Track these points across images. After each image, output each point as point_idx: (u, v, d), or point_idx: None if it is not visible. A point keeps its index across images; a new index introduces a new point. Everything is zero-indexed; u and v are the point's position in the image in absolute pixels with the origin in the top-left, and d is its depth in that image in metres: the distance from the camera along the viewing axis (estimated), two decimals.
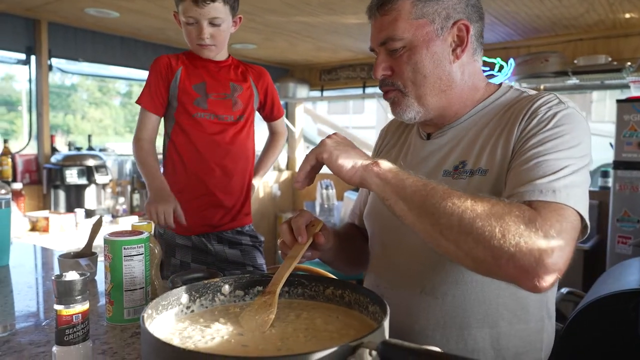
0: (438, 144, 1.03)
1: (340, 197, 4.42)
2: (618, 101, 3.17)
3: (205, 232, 1.56)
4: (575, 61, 3.50)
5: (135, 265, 0.98)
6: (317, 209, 4.18)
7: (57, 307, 0.75)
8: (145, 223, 1.13)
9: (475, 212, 0.75)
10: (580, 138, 0.87)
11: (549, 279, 0.73)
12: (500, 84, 1.06)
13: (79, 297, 0.75)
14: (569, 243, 0.75)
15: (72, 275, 0.75)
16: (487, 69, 3.73)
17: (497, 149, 0.93)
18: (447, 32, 0.97)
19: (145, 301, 1.00)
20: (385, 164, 0.83)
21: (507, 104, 1.00)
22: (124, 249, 0.97)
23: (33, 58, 3.33)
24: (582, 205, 0.81)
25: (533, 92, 1.02)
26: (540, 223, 0.74)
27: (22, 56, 3.32)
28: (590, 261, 3.28)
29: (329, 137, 0.88)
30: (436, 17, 0.96)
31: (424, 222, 0.79)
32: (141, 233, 1.02)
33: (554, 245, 0.73)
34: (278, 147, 1.78)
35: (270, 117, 1.71)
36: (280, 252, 0.96)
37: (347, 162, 0.83)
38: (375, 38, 1.02)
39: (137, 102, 1.54)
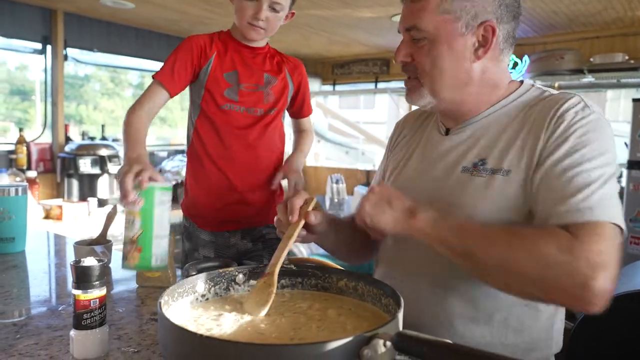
0: (457, 140, 1.03)
1: (350, 192, 4.42)
2: (634, 100, 3.14)
3: (231, 228, 1.50)
4: (592, 59, 3.46)
5: (165, 212, 0.99)
6: (327, 203, 4.18)
7: (75, 292, 0.76)
8: None
9: (516, 251, 0.80)
10: (608, 145, 0.88)
11: (599, 301, 0.75)
12: (522, 82, 1.05)
13: (97, 282, 0.77)
14: (612, 261, 0.77)
15: (90, 261, 0.76)
16: None
17: (522, 152, 0.92)
18: (472, 31, 0.95)
19: (169, 252, 1.03)
20: (422, 217, 0.85)
21: (529, 102, 0.99)
22: (158, 194, 0.98)
23: (49, 48, 3.36)
24: (618, 214, 0.82)
25: (554, 91, 1.00)
26: (580, 249, 0.76)
27: (38, 46, 3.35)
28: None
29: (367, 197, 0.90)
30: (463, 14, 0.94)
31: (469, 267, 0.85)
32: (169, 182, 1.03)
33: (598, 268, 0.75)
34: (308, 144, 1.66)
35: (298, 113, 1.60)
36: (277, 230, 0.99)
37: (388, 221, 0.87)
38: (402, 21, 1.00)
39: (154, 76, 1.40)
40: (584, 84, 3.63)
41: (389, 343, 0.58)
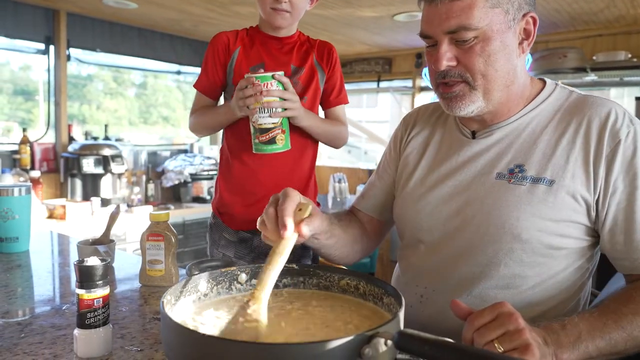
0: (485, 143, 0.99)
1: (352, 191, 4.42)
2: (637, 99, 3.12)
3: (255, 227, 1.46)
4: (594, 57, 3.44)
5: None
6: (330, 202, 4.18)
7: (78, 291, 0.77)
8: (163, 212, 1.15)
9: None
10: None
11: None
12: (543, 80, 1.03)
13: (100, 282, 0.77)
14: None
15: (93, 261, 0.77)
16: None
17: (566, 162, 0.91)
18: (517, 23, 0.93)
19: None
20: (565, 354, 0.78)
21: (561, 105, 0.97)
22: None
23: (52, 48, 3.37)
24: None
25: (580, 91, 1.00)
26: None
27: (41, 46, 3.36)
28: (605, 260, 3.24)
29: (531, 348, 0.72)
30: (510, 7, 0.91)
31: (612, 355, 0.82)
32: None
33: None
34: (339, 132, 1.48)
35: (332, 101, 1.47)
36: (262, 236, 0.86)
37: None
38: (439, 25, 0.91)
39: (194, 85, 1.46)
40: (587, 83, 3.62)
41: (390, 342, 0.58)
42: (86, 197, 3.24)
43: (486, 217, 0.93)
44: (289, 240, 0.78)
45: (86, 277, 0.76)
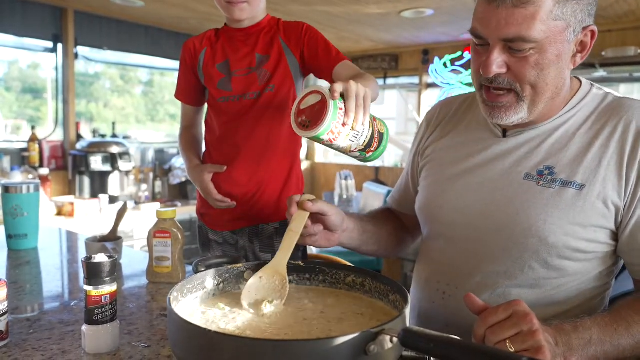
0: (515, 142, 0.97)
1: (359, 188, 4.42)
2: None
3: (239, 227, 1.42)
4: (603, 53, 3.41)
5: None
6: (336, 199, 4.18)
7: (86, 287, 0.77)
8: (170, 209, 1.15)
9: None
10: None
11: None
12: (578, 79, 1.00)
13: (108, 278, 0.78)
14: None
15: (101, 258, 0.78)
16: None
17: (598, 166, 0.89)
18: (576, 36, 0.88)
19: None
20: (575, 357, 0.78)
21: (595, 107, 0.95)
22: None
23: (60, 46, 3.39)
24: None
25: (615, 92, 0.97)
26: None
27: (49, 44, 3.39)
28: None
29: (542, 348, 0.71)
30: (572, 19, 0.85)
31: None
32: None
33: None
34: (367, 81, 1.13)
35: (329, 65, 1.31)
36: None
37: None
38: (496, 30, 0.85)
39: (174, 95, 1.47)
40: (596, 79, 3.59)
41: (395, 339, 0.58)
42: (94, 195, 3.26)
43: (513, 219, 0.92)
44: (299, 217, 0.91)
45: (94, 274, 0.77)
